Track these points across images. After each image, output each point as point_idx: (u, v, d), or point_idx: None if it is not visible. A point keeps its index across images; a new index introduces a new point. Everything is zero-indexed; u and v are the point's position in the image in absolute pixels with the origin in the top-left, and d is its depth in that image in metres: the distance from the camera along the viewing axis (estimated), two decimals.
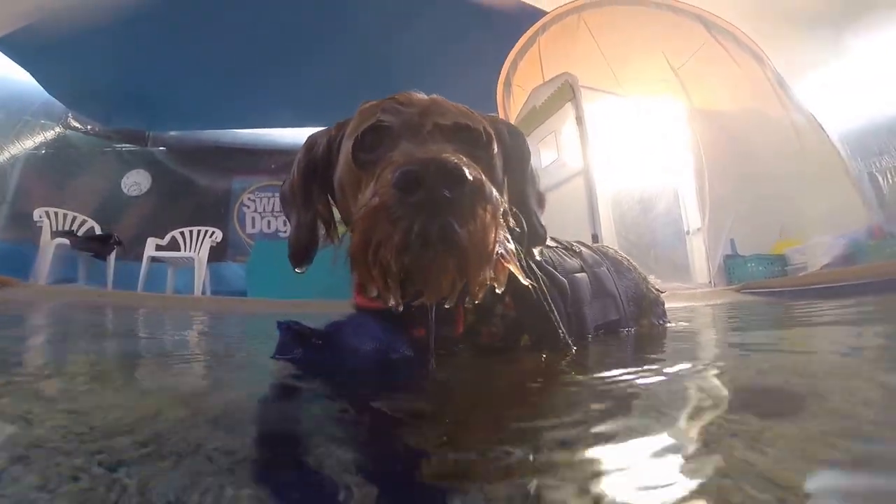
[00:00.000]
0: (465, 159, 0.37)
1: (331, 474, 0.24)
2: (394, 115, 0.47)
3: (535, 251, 0.61)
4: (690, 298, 2.98)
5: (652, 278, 1.05)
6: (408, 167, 0.35)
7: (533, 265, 0.62)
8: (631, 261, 0.98)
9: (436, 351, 0.54)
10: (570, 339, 0.61)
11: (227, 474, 0.23)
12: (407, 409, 0.38)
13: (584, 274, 0.77)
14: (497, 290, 0.41)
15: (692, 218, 3.92)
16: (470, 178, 0.35)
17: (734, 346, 0.79)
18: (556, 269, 0.69)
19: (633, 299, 0.89)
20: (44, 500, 0.21)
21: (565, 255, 0.77)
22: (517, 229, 0.56)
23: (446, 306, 0.41)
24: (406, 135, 0.45)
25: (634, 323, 0.88)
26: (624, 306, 0.84)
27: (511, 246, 0.40)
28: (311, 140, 0.59)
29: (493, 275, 0.39)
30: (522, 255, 0.58)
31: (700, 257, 3.76)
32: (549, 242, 0.65)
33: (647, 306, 0.93)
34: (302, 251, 0.57)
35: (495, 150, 0.51)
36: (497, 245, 0.38)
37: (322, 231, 0.59)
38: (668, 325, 0.98)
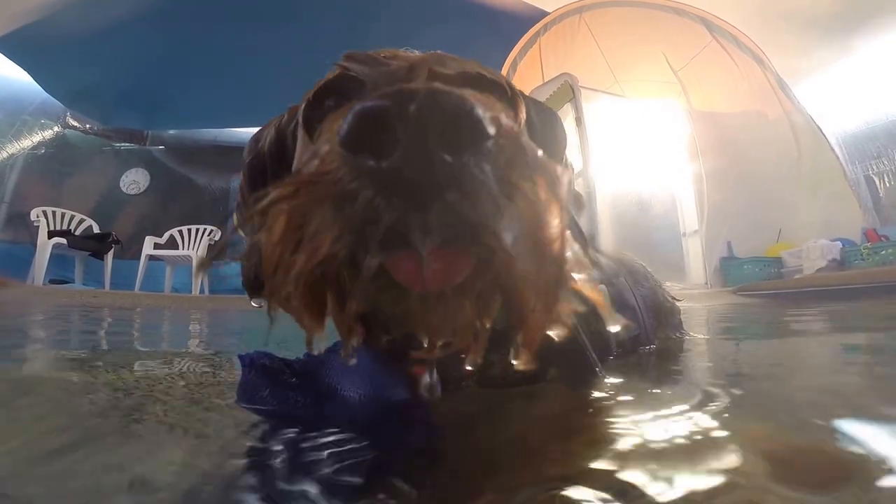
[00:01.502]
0: (483, 98, 0.20)
1: None
2: (367, 65, 0.31)
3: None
4: (686, 300, 2.99)
5: (667, 285, 0.96)
6: (369, 104, 0.18)
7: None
8: (645, 266, 0.90)
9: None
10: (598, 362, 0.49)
11: None
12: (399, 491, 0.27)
13: (602, 286, 0.65)
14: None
15: (689, 219, 3.93)
16: (493, 124, 0.19)
17: (763, 370, 0.74)
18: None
19: (651, 310, 0.80)
20: None
21: None
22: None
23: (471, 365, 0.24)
24: (384, 87, 0.26)
25: (654, 337, 0.78)
26: (644, 319, 0.75)
27: (577, 251, 0.23)
28: (256, 135, 0.45)
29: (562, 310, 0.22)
30: None
31: (696, 258, 3.77)
32: None
33: (664, 317, 0.84)
34: (256, 278, 0.41)
35: (523, 115, 0.36)
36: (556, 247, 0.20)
37: None
38: (686, 337, 0.90)
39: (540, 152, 0.22)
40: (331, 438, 0.34)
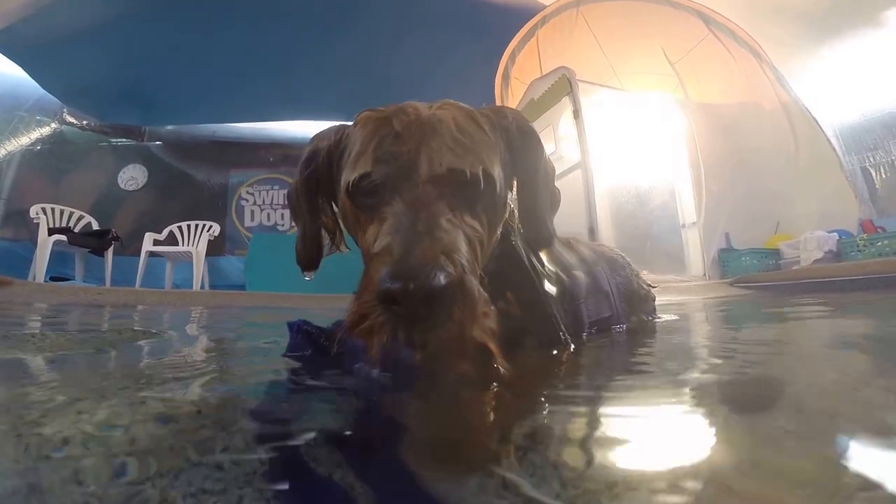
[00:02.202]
0: (445, 267, 0.38)
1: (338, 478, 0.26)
2: (386, 165, 0.46)
3: (543, 254, 0.63)
4: (685, 292, 3.02)
5: (645, 273, 1.08)
6: (389, 287, 0.37)
7: (536, 263, 0.63)
8: (625, 257, 1.01)
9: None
10: (569, 337, 0.62)
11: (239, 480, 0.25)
12: (404, 407, 0.44)
13: (580, 271, 0.78)
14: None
15: (688, 211, 3.94)
16: (446, 290, 0.37)
17: (716, 346, 0.83)
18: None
19: (625, 296, 0.92)
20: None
21: (563, 251, 0.80)
22: (522, 229, 0.60)
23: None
24: (400, 187, 0.45)
25: (625, 319, 0.90)
26: (616, 303, 0.87)
27: (492, 324, 0.42)
28: (312, 149, 0.57)
29: (473, 358, 0.42)
30: (526, 255, 0.61)
31: (695, 250, 3.79)
32: None
33: (637, 302, 0.97)
34: (309, 259, 0.59)
35: (498, 185, 0.50)
36: (474, 332, 0.40)
37: (327, 240, 0.61)
38: (657, 320, 1.02)
39: (472, 283, 0.41)
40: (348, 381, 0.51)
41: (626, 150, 3.97)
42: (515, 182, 0.58)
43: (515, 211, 0.59)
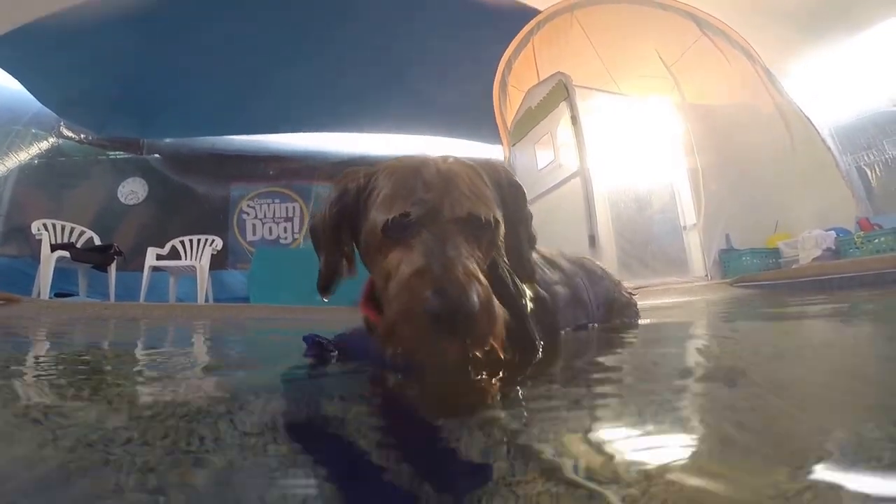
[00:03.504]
0: (476, 292, 0.49)
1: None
2: (419, 207, 0.57)
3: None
4: (685, 293, 3.05)
5: (626, 282, 1.22)
6: (433, 308, 0.48)
7: (520, 285, 0.75)
8: (605, 269, 1.14)
9: None
10: (542, 340, 0.74)
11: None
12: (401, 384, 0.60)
13: (561, 286, 0.91)
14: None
15: (688, 213, 3.98)
16: (479, 312, 0.49)
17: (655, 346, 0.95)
18: (538, 283, 0.81)
19: (605, 304, 1.06)
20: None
21: (546, 268, 0.91)
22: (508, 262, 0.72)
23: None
24: (427, 224, 0.56)
25: (601, 323, 1.04)
26: (593, 312, 1.02)
27: (501, 311, 0.53)
28: (342, 188, 0.66)
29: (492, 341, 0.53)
30: (511, 280, 0.72)
31: (696, 251, 3.82)
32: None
33: (618, 309, 1.11)
34: (328, 285, 0.69)
35: (501, 228, 0.63)
36: (493, 326, 0.51)
37: (344, 265, 0.70)
38: (637, 322, 1.15)
39: (489, 299, 0.51)
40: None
41: (624, 153, 4.01)
42: (503, 221, 0.70)
43: (502, 247, 0.70)
